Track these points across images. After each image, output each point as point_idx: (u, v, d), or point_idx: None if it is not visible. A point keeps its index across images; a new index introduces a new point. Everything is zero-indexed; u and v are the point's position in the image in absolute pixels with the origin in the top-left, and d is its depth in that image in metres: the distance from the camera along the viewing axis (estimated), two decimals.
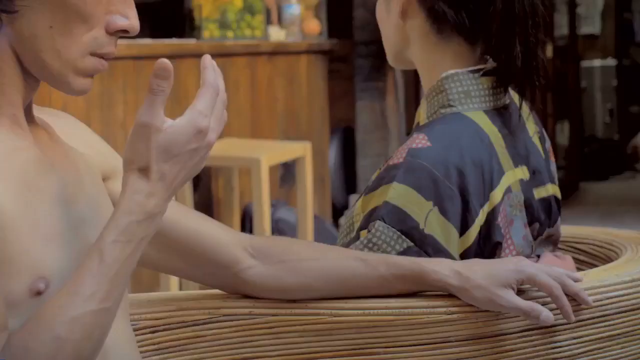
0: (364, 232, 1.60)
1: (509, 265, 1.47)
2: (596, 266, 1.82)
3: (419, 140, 1.63)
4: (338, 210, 6.13)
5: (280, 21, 5.81)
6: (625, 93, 9.77)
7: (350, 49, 6.18)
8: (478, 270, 1.47)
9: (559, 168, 1.87)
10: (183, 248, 1.51)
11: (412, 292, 1.50)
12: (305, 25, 5.97)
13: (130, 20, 1.29)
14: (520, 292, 1.46)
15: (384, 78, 6.11)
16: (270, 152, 4.58)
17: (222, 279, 1.54)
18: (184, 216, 1.51)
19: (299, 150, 4.82)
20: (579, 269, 1.86)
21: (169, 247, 1.50)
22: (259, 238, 1.60)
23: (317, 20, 6.12)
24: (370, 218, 1.60)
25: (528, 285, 1.47)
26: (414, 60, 1.77)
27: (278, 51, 5.54)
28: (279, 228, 5.02)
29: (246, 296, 1.56)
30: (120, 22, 1.29)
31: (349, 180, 6.28)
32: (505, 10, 1.68)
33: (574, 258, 1.86)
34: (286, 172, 5.49)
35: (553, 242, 1.80)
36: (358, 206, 1.65)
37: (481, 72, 1.71)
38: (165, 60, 1.22)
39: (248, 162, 4.50)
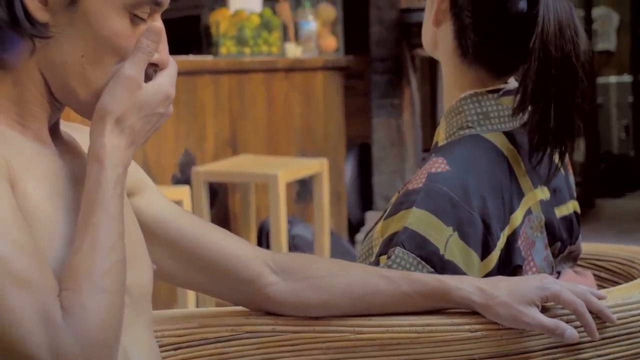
0: (383, 258, 1.59)
1: (533, 282, 1.46)
2: (618, 284, 1.81)
3: (438, 165, 1.63)
4: (354, 227, 6.12)
5: (296, 38, 5.81)
6: None
7: (366, 66, 6.18)
8: (502, 287, 1.46)
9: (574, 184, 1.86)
10: (205, 263, 1.51)
11: (435, 309, 1.50)
12: (322, 41, 5.97)
13: (161, 54, 1.31)
14: (544, 310, 1.45)
15: (400, 95, 6.10)
16: (287, 169, 4.58)
17: (244, 295, 1.54)
18: (205, 231, 1.52)
19: (316, 166, 4.82)
20: (600, 287, 1.85)
21: (191, 262, 1.50)
22: (280, 254, 1.59)
23: (334, 37, 6.12)
24: (389, 244, 1.59)
25: (552, 303, 1.46)
26: (441, 64, 1.77)
27: (295, 67, 5.54)
28: (296, 244, 5.01)
29: (268, 313, 1.55)
30: None
31: (365, 196, 6.27)
32: (540, 69, 1.62)
33: (595, 275, 1.85)
34: (302, 189, 5.49)
35: (573, 258, 1.79)
36: (377, 231, 1.64)
37: (500, 92, 1.70)
38: (159, 26, 1.28)
39: (265, 179, 4.50)
